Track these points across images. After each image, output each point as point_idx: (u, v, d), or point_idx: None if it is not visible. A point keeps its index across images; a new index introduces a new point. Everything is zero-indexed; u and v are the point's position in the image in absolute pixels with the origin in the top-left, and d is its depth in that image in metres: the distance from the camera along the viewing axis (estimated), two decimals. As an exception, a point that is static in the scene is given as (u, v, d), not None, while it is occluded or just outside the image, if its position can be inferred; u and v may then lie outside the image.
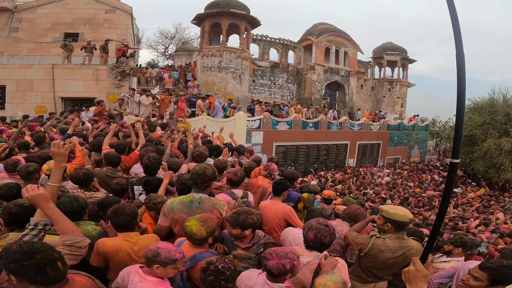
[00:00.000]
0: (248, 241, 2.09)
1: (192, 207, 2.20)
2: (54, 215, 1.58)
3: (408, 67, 25.54)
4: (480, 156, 15.36)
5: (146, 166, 3.08)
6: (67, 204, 2.02)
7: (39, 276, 1.22)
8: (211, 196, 2.41)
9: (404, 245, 2.28)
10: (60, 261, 1.28)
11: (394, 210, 2.28)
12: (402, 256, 2.26)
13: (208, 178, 2.28)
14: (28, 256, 1.20)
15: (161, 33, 30.65)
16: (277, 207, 2.86)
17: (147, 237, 2.04)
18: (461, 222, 7.30)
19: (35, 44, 14.70)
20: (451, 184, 1.27)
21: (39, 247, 1.25)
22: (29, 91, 11.25)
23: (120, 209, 1.98)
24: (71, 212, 1.99)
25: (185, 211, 2.19)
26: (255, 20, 17.08)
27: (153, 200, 2.40)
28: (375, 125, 18.10)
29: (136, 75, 12.75)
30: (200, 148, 3.86)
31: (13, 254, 1.21)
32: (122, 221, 1.95)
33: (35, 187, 1.53)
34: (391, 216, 2.26)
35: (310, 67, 20.09)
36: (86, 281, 1.49)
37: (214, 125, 10.86)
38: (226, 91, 16.65)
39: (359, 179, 13.98)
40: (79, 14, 15.39)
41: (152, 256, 1.63)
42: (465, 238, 2.98)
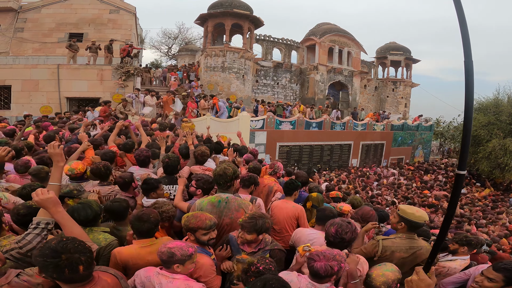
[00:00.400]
0: (256, 245, 2.09)
1: (220, 206, 2.30)
2: (62, 219, 1.59)
3: (412, 67, 25.41)
4: (484, 157, 15.26)
5: (167, 165, 3.14)
6: (81, 211, 2.00)
7: (55, 274, 1.28)
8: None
9: (414, 245, 2.28)
10: (83, 265, 1.30)
11: (411, 210, 2.28)
12: (412, 256, 2.25)
13: (229, 177, 2.38)
14: (55, 254, 1.25)
15: (164, 33, 30.75)
16: (289, 206, 2.89)
17: (163, 240, 2.00)
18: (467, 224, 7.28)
19: (40, 44, 14.79)
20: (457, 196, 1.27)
21: (70, 248, 1.28)
22: (34, 91, 11.32)
23: (145, 216, 1.96)
24: (86, 220, 2.00)
25: (214, 211, 2.26)
26: (258, 20, 17.08)
27: (158, 208, 2.33)
28: (379, 125, 18.03)
29: (140, 75, 12.80)
30: (201, 148, 3.80)
31: (45, 249, 1.27)
32: (146, 228, 1.95)
33: (45, 191, 1.54)
34: (407, 216, 2.26)
35: (313, 67, 20.06)
36: (111, 281, 1.51)
37: (218, 125, 10.90)
38: (229, 91, 16.67)
39: (364, 179, 13.94)
40: (84, 14, 15.47)
41: (168, 258, 1.66)
42: (470, 237, 2.98)
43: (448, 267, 2.70)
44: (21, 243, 1.57)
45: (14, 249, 1.55)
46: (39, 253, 1.27)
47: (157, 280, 1.68)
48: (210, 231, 1.93)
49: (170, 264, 1.67)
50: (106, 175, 2.87)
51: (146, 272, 1.76)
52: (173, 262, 1.66)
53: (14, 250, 1.54)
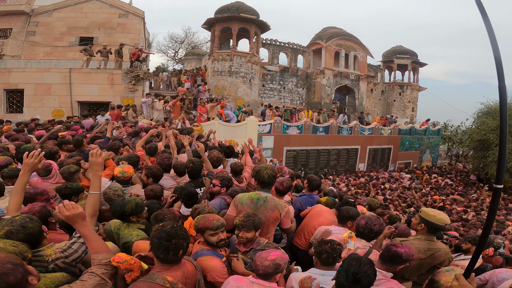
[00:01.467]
0: (250, 245, 2.17)
1: (258, 203, 2.43)
2: (89, 233, 1.58)
3: (419, 70, 25.31)
4: (494, 161, 15.08)
5: (192, 170, 3.26)
6: (119, 204, 2.15)
7: (162, 255, 1.51)
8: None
9: (432, 247, 2.31)
10: (183, 250, 1.54)
11: (433, 213, 2.33)
12: (430, 258, 2.28)
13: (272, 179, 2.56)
14: (169, 237, 1.50)
15: (171, 38, 31.00)
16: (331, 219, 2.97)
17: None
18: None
19: (51, 48, 14.95)
20: (494, 210, 1.32)
21: (179, 234, 1.52)
22: (46, 95, 11.49)
23: (160, 216, 2.13)
24: (123, 214, 2.14)
25: (252, 207, 2.42)
26: (265, 24, 17.18)
27: (199, 209, 2.47)
28: (386, 130, 17.96)
29: (149, 79, 12.96)
30: (214, 152, 4.00)
31: (162, 232, 1.51)
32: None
33: (75, 205, 1.54)
34: (428, 218, 2.30)
35: (320, 71, 20.08)
36: (191, 268, 1.68)
37: (226, 130, 10.96)
38: (236, 95, 16.75)
39: (375, 183, 13.90)
40: (94, 18, 15.63)
41: (274, 270, 1.72)
42: None
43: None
44: (67, 252, 1.61)
45: (60, 258, 1.59)
46: (156, 235, 1.51)
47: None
48: (218, 232, 1.96)
49: (274, 275, 1.74)
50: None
51: (237, 282, 1.76)
52: (277, 273, 1.74)
53: (59, 259, 1.58)
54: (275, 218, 2.43)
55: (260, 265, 1.72)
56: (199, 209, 2.46)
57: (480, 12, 1.15)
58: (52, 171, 3.03)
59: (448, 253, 2.32)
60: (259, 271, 1.73)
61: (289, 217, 2.55)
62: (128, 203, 2.14)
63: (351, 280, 1.53)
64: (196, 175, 3.31)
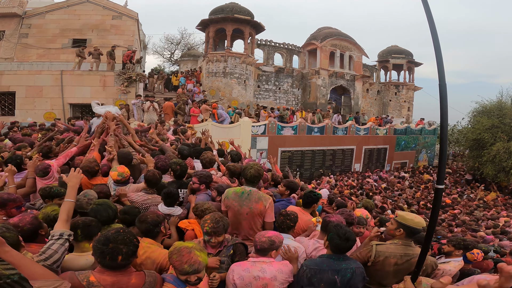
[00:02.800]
0: (220, 245, 2.21)
1: (242, 197, 2.60)
2: (15, 259, 1.29)
3: (414, 70, 25.35)
4: (489, 160, 15.10)
5: (181, 171, 3.34)
6: (103, 212, 2.16)
7: (99, 259, 1.49)
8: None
9: (409, 252, 2.23)
10: (122, 256, 1.48)
11: (410, 216, 2.24)
12: (407, 263, 2.20)
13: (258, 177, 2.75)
14: (105, 241, 1.48)
15: (166, 39, 30.96)
16: (305, 218, 2.95)
17: (156, 249, 2.05)
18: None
19: (44, 50, 14.88)
20: (437, 210, 1.38)
21: (119, 239, 1.49)
22: (38, 97, 11.40)
23: (142, 217, 2.16)
24: (108, 220, 2.17)
25: (236, 199, 2.60)
26: (259, 25, 17.15)
27: (200, 207, 2.59)
28: (382, 130, 17.95)
29: (143, 81, 12.88)
30: (208, 154, 4.04)
31: (102, 236, 1.52)
32: (144, 228, 2.12)
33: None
34: (406, 222, 2.22)
35: (315, 71, 20.07)
36: (135, 282, 1.57)
37: (220, 131, 10.90)
38: (231, 96, 16.71)
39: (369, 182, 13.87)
40: (87, 20, 15.57)
41: (269, 246, 2.00)
42: (467, 240, 2.93)
43: (442, 269, 2.66)
44: (46, 254, 1.57)
45: (39, 261, 1.52)
46: (97, 239, 1.51)
47: (257, 267, 1.96)
48: (190, 276, 1.65)
49: (269, 251, 2.00)
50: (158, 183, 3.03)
51: (242, 266, 2.01)
52: (273, 249, 2.00)
53: (39, 263, 1.52)
54: (260, 210, 2.55)
55: (258, 241, 2.01)
56: (198, 205, 2.57)
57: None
58: (50, 173, 3.15)
59: (427, 258, 2.24)
60: (257, 246, 2.01)
61: (272, 209, 2.65)
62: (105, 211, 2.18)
63: (344, 239, 1.98)
64: (182, 175, 3.39)
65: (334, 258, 2.01)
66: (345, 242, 1.97)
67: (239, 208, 2.56)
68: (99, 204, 2.22)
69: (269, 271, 1.95)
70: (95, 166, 3.31)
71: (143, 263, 1.96)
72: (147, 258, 1.98)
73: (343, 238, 1.97)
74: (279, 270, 1.99)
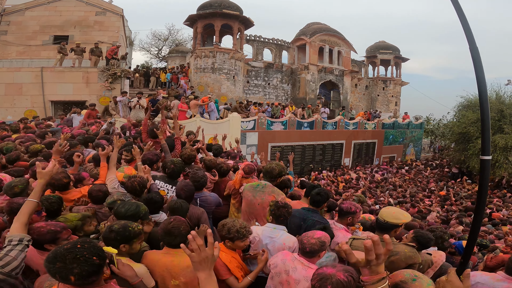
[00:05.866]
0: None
1: (257, 189, 2.83)
2: None
3: (401, 65, 25.66)
4: (475, 153, 15.34)
5: (173, 171, 3.05)
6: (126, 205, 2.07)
7: (50, 275, 1.27)
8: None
9: None
10: (74, 276, 1.20)
11: (385, 210, 2.10)
12: (386, 262, 1.98)
13: (274, 175, 2.92)
14: (53, 260, 1.21)
15: (154, 35, 30.40)
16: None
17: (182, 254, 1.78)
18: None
19: (24, 47, 14.44)
20: (485, 189, 1.22)
21: (68, 258, 1.20)
22: (18, 95, 10.99)
23: (175, 230, 1.83)
24: (124, 216, 2.00)
25: (251, 190, 2.84)
26: (248, 20, 16.99)
27: (228, 225, 2.10)
28: (370, 124, 18.09)
29: (128, 77, 12.56)
30: (187, 150, 3.76)
31: (53, 251, 1.25)
32: (178, 241, 1.78)
33: None
34: (378, 216, 2.10)
35: (304, 67, 20.05)
36: None
37: (209, 126, 10.72)
38: (220, 92, 16.52)
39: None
40: (69, 16, 15.17)
41: (320, 247, 1.88)
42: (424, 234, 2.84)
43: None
44: (3, 261, 1.42)
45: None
46: (47, 255, 1.25)
47: (293, 264, 1.91)
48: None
49: (319, 253, 1.90)
50: (140, 193, 2.58)
51: (283, 256, 1.99)
52: (323, 250, 1.91)
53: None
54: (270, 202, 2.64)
55: (307, 243, 1.89)
56: (228, 225, 2.08)
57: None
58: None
59: (410, 257, 1.98)
60: (305, 249, 1.90)
61: None
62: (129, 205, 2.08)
63: (316, 193, 2.68)
64: (176, 176, 3.13)
65: (306, 209, 2.67)
66: (317, 195, 2.67)
67: (252, 198, 2.80)
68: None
69: (298, 273, 1.87)
70: (63, 178, 2.68)
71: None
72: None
73: (316, 192, 2.68)
74: (307, 278, 1.83)
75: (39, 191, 1.79)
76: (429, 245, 2.48)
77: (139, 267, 1.74)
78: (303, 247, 1.91)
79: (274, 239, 2.25)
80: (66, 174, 2.70)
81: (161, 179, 3.08)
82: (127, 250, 1.80)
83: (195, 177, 2.92)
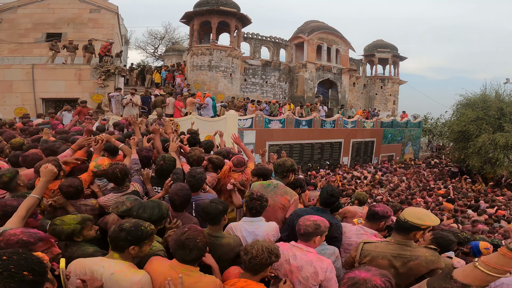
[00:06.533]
0: None
1: (268, 189, 2.62)
2: None
3: (399, 64, 25.53)
4: (475, 152, 15.20)
5: (162, 168, 2.79)
6: (148, 209, 1.89)
7: None
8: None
9: (406, 253, 1.81)
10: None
11: (410, 209, 1.89)
12: (405, 268, 1.78)
13: (287, 168, 2.72)
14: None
15: (150, 34, 30.12)
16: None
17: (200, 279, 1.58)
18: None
19: (16, 45, 14.18)
20: None
21: (7, 266, 1.04)
22: (8, 92, 10.70)
23: (191, 243, 1.56)
24: (148, 219, 1.80)
25: (261, 190, 2.54)
26: (246, 18, 16.76)
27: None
28: (369, 123, 17.92)
29: (123, 75, 12.29)
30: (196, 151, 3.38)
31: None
32: (194, 256, 1.58)
33: None
34: (400, 215, 1.88)
35: (302, 65, 19.84)
36: None
37: (205, 124, 10.50)
38: (217, 90, 16.27)
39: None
40: (62, 14, 14.93)
41: (314, 230, 1.86)
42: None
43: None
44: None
45: None
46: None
47: (291, 252, 1.88)
48: None
49: (313, 236, 1.87)
50: (122, 181, 2.46)
51: (280, 247, 1.87)
52: (317, 234, 1.87)
53: None
54: (283, 204, 2.56)
55: (302, 225, 1.91)
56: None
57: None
58: None
59: (432, 262, 1.80)
60: (300, 230, 1.90)
61: (296, 206, 2.65)
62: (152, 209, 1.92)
63: (329, 195, 2.42)
64: (166, 174, 2.79)
65: (314, 209, 2.46)
66: (330, 198, 2.44)
67: None
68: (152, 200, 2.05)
69: (299, 259, 1.83)
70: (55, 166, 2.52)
71: None
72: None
73: (329, 193, 2.44)
74: (309, 262, 1.79)
75: (42, 187, 1.86)
76: (451, 248, 2.27)
77: (141, 275, 1.51)
78: (298, 229, 1.93)
79: (255, 232, 2.19)
80: (57, 163, 2.52)
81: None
82: (135, 253, 1.56)
83: (191, 172, 2.62)
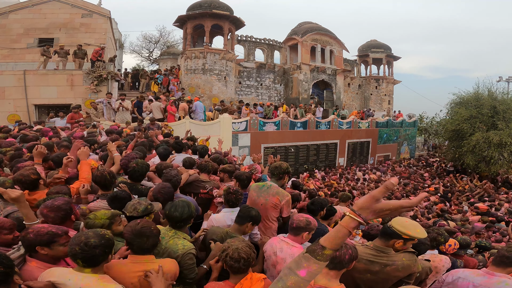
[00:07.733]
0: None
1: (262, 189, 2.79)
2: None
3: (393, 64, 25.67)
4: (469, 150, 15.28)
5: (134, 171, 2.87)
6: (179, 208, 2.00)
7: None
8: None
9: (382, 258, 1.80)
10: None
11: (399, 218, 1.82)
12: (382, 273, 1.78)
13: (283, 171, 2.81)
14: None
15: (144, 37, 30.04)
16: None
17: (165, 261, 1.74)
18: None
19: (8, 51, 14.10)
20: None
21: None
22: (1, 99, 10.58)
23: (147, 231, 1.68)
24: (179, 218, 2.00)
25: (256, 190, 2.82)
26: (239, 20, 16.78)
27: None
28: (364, 123, 17.97)
29: (116, 79, 12.21)
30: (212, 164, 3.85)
31: None
32: (150, 243, 1.70)
33: None
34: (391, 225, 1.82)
35: (297, 66, 19.89)
36: None
37: (199, 128, 10.47)
38: (211, 93, 16.26)
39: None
40: (54, 19, 14.86)
41: (305, 225, 1.99)
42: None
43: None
44: None
45: None
46: None
47: (279, 246, 2.00)
48: None
49: (302, 231, 1.99)
50: (110, 185, 2.54)
51: (271, 240, 2.12)
52: (306, 229, 1.99)
53: None
54: (274, 203, 2.68)
55: (295, 220, 2.03)
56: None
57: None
58: None
59: (408, 267, 1.80)
60: (292, 224, 2.03)
61: (289, 206, 2.77)
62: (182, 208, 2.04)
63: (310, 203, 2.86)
64: (137, 178, 2.90)
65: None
66: (310, 205, 2.93)
67: (256, 198, 2.78)
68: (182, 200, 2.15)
69: (285, 252, 1.94)
70: (31, 174, 2.43)
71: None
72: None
73: (310, 202, 2.94)
74: (292, 256, 1.86)
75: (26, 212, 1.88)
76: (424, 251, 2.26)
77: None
78: (291, 223, 2.05)
79: None
80: (34, 171, 2.52)
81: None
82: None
83: (167, 176, 2.77)
